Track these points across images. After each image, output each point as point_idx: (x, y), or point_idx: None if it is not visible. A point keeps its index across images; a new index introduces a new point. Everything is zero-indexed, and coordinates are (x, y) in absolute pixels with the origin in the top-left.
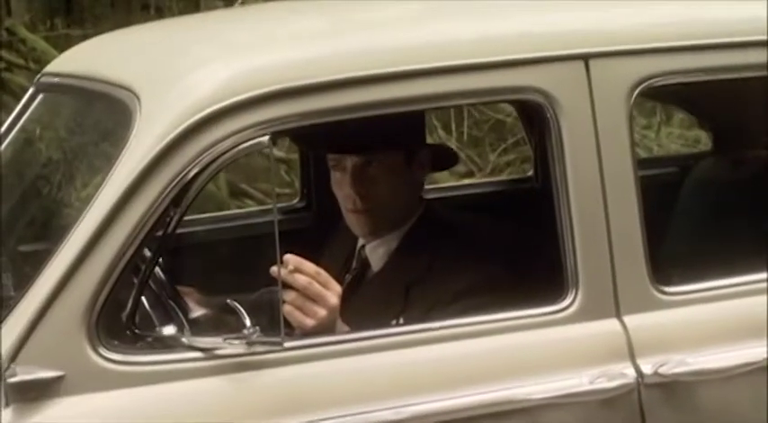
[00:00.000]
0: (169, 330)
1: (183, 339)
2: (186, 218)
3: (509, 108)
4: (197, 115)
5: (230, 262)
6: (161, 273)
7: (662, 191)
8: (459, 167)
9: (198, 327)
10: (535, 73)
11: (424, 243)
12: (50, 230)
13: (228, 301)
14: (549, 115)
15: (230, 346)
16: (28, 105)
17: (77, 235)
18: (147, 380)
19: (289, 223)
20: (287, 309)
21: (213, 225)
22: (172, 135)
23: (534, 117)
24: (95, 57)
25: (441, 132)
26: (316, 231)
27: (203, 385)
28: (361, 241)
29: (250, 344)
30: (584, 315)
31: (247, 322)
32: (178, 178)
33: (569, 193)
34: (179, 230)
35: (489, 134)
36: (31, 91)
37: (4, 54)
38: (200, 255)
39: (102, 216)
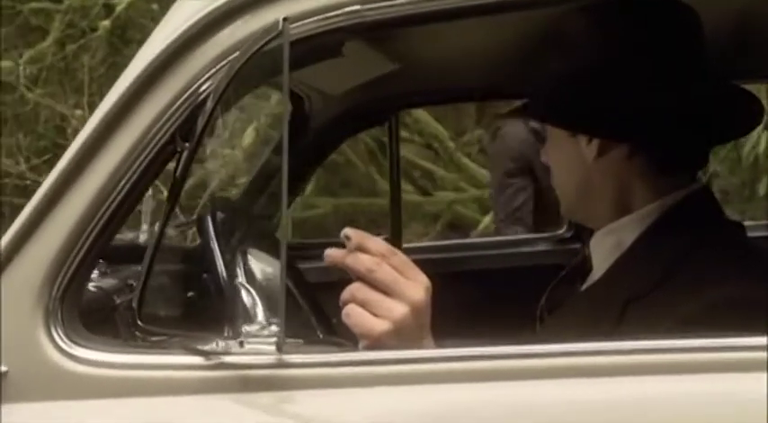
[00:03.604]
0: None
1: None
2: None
3: None
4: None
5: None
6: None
7: None
8: None
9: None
10: None
11: (668, 246)
12: None
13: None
14: None
15: (219, 349)
16: None
17: (47, 183)
18: (116, 390)
19: (554, 256)
20: (346, 309)
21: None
22: (175, 35)
23: None
24: None
25: None
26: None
27: (179, 404)
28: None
29: (241, 344)
30: None
31: (260, 317)
32: (184, 96)
33: None
34: None
35: None
36: None
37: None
38: None
39: (73, 157)
